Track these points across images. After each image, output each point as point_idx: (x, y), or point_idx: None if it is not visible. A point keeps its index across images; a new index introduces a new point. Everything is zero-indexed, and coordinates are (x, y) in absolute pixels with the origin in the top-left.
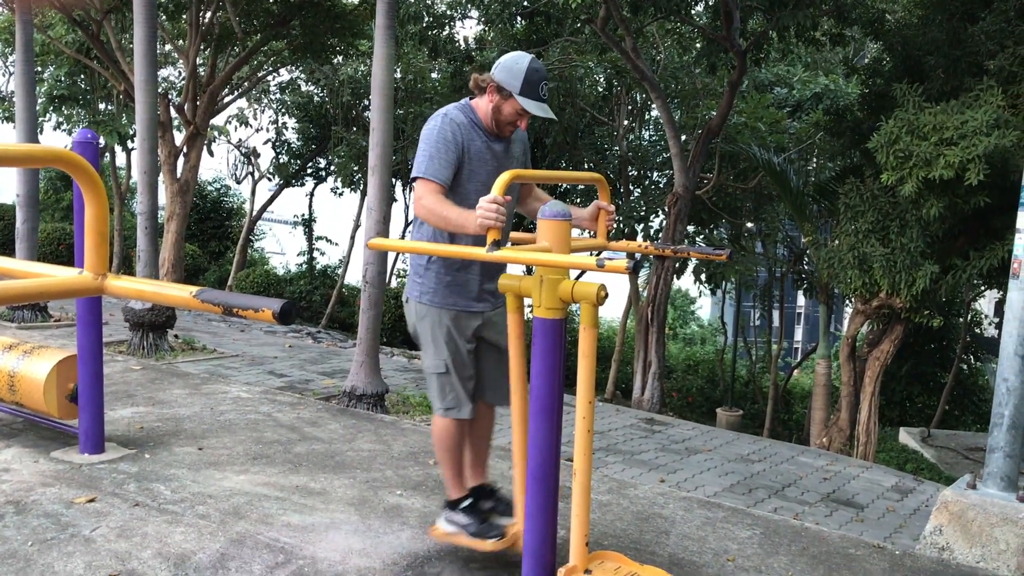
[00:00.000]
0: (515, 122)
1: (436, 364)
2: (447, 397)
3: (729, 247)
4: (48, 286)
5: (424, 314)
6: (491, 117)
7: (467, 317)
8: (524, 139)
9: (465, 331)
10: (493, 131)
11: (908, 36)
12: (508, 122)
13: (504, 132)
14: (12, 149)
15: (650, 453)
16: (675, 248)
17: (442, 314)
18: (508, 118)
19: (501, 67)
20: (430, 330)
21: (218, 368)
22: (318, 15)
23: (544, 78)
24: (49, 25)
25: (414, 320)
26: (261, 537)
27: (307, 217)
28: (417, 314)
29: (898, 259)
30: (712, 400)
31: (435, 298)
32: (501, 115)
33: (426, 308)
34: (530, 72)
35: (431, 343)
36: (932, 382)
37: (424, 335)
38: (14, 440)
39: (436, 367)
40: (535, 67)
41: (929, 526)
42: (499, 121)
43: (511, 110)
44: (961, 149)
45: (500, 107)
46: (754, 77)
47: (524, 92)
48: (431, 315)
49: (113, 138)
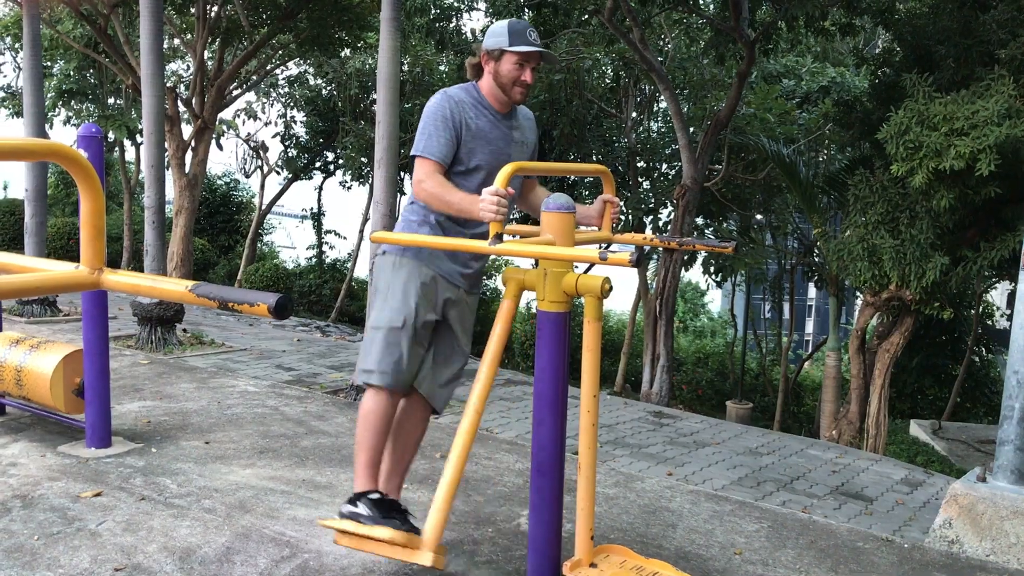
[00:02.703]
0: (519, 77)
1: (393, 318)
2: (387, 359)
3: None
4: (44, 281)
5: (402, 265)
6: (496, 88)
7: (444, 285)
8: (531, 119)
9: (438, 297)
10: (503, 104)
11: (918, 25)
12: (512, 80)
13: (514, 96)
14: (6, 143)
15: (658, 446)
16: (680, 240)
17: (422, 268)
18: (510, 75)
19: (487, 36)
20: (403, 281)
21: (226, 362)
22: (325, 8)
23: (528, 27)
24: (58, 20)
25: (386, 272)
26: (267, 531)
27: (316, 211)
28: (394, 266)
29: (908, 251)
30: (722, 393)
31: (419, 254)
32: (502, 78)
33: (408, 260)
34: (512, 25)
35: (399, 294)
36: (943, 374)
37: (394, 286)
38: (21, 434)
39: (392, 321)
40: (516, 21)
41: (939, 519)
42: (504, 86)
43: (509, 66)
44: (972, 139)
45: (498, 71)
46: (763, 68)
47: (514, 42)
48: (409, 266)
49: (122, 132)
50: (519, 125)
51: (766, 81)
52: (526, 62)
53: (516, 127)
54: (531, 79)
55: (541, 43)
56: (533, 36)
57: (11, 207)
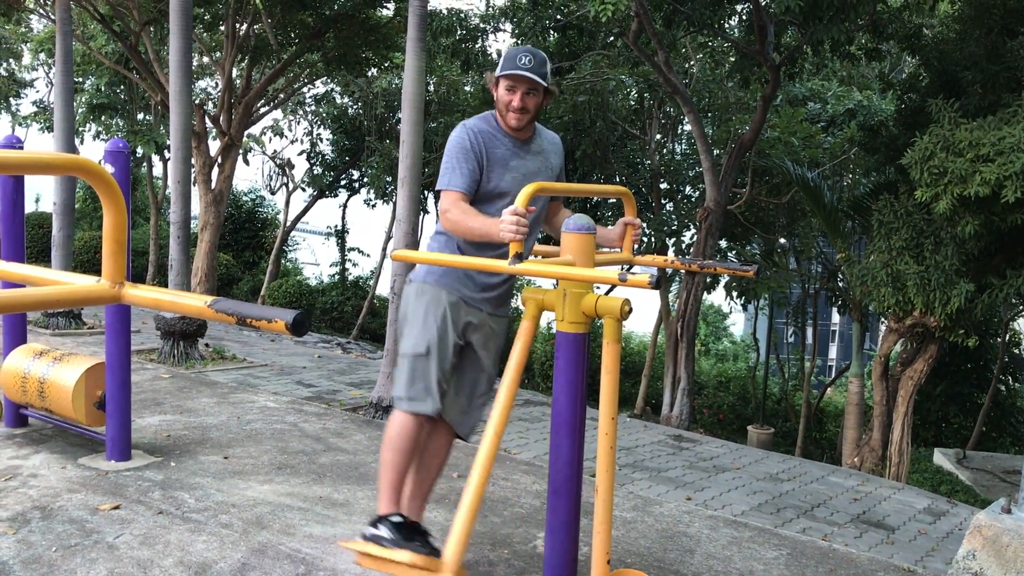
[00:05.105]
0: (510, 102)
1: (417, 344)
2: (416, 385)
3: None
4: (65, 294)
5: (424, 292)
6: (499, 112)
7: (466, 308)
8: (556, 143)
9: (459, 321)
10: (515, 132)
11: (945, 51)
12: (505, 104)
13: (509, 121)
14: (32, 157)
15: (677, 470)
16: (702, 263)
17: (443, 294)
18: (502, 100)
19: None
20: (424, 307)
21: (247, 377)
22: (352, 28)
23: (524, 51)
24: (91, 37)
25: (411, 300)
26: (283, 547)
27: (340, 228)
28: (416, 292)
29: (932, 277)
30: (743, 417)
31: (441, 279)
32: (499, 104)
33: (429, 287)
34: (508, 52)
35: (420, 321)
36: (969, 403)
37: (416, 313)
38: (43, 446)
39: (416, 347)
40: (514, 48)
41: (962, 550)
42: (501, 112)
43: (501, 91)
44: (998, 166)
45: (498, 98)
46: (788, 91)
47: (504, 68)
48: (431, 292)
49: (150, 147)
50: (542, 149)
51: (791, 104)
52: (515, 86)
53: (539, 151)
54: (521, 103)
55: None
56: (524, 60)
57: (40, 220)
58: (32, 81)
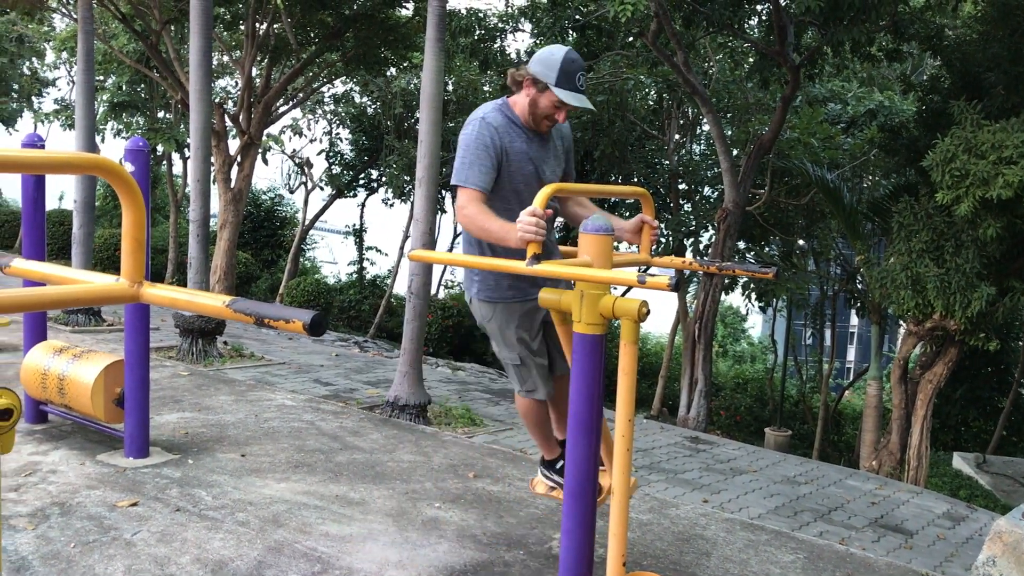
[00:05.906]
0: (552, 115)
1: (511, 357)
2: (526, 383)
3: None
4: (84, 293)
5: (489, 315)
6: (528, 112)
7: (528, 305)
8: (566, 133)
9: (531, 325)
10: (531, 127)
11: (968, 52)
12: (545, 115)
13: (541, 127)
14: (52, 157)
15: (694, 472)
16: (720, 265)
17: (505, 314)
18: (545, 111)
19: (537, 59)
20: (499, 331)
21: (265, 375)
22: (371, 28)
23: (581, 68)
24: (112, 36)
25: (482, 320)
26: (299, 546)
27: (358, 227)
28: (482, 315)
29: (953, 280)
30: (760, 419)
31: (493, 293)
32: (538, 108)
33: (490, 308)
34: (566, 63)
35: (503, 340)
36: (989, 406)
37: (495, 334)
38: (62, 442)
39: (512, 360)
40: (571, 57)
41: (982, 556)
42: (536, 115)
43: (548, 103)
44: (1021, 168)
45: (537, 100)
46: (808, 92)
47: (560, 83)
48: (496, 316)
49: (171, 145)
50: (552, 137)
51: (811, 105)
52: (564, 105)
53: (549, 138)
54: (563, 119)
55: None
56: (581, 82)
57: (61, 217)
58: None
